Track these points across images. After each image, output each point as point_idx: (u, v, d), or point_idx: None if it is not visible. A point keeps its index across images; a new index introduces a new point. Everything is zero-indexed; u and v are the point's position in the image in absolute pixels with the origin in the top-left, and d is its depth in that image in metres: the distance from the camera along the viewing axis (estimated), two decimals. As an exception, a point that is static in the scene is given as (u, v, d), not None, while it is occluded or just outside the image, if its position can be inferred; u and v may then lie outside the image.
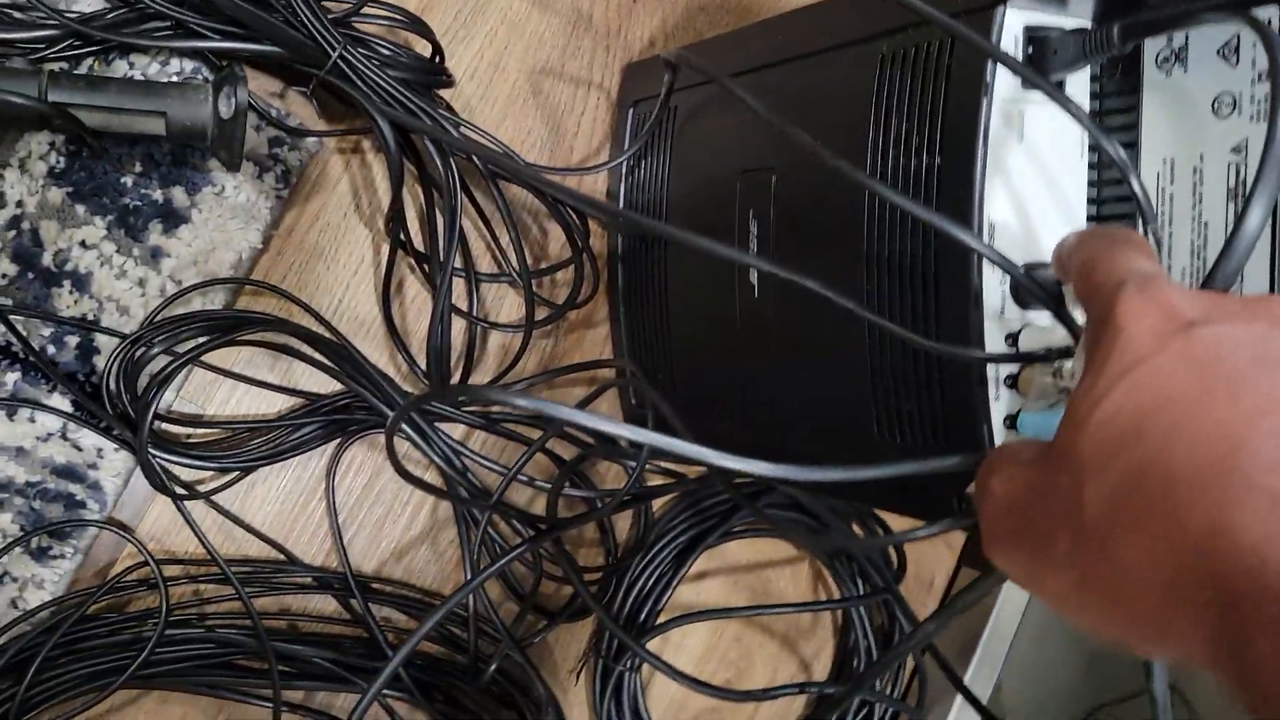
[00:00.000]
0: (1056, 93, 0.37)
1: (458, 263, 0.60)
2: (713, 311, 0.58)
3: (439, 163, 0.51)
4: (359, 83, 0.50)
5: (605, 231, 0.65)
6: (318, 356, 0.57)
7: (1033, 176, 0.42)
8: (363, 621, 0.58)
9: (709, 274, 0.57)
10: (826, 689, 0.70)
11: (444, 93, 0.58)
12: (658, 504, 0.69)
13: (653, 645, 0.69)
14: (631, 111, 0.64)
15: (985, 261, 0.41)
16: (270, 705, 0.53)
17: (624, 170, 0.64)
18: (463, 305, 0.61)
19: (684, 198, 0.60)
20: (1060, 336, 0.39)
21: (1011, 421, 0.42)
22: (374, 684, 0.50)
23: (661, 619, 0.68)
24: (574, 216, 0.59)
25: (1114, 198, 0.43)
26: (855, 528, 0.72)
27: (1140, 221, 0.37)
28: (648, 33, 0.67)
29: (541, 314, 0.62)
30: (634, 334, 0.64)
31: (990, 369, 0.42)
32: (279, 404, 0.57)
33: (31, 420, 0.51)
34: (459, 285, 0.61)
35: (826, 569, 0.74)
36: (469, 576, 0.60)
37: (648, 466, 0.66)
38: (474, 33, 0.61)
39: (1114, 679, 0.92)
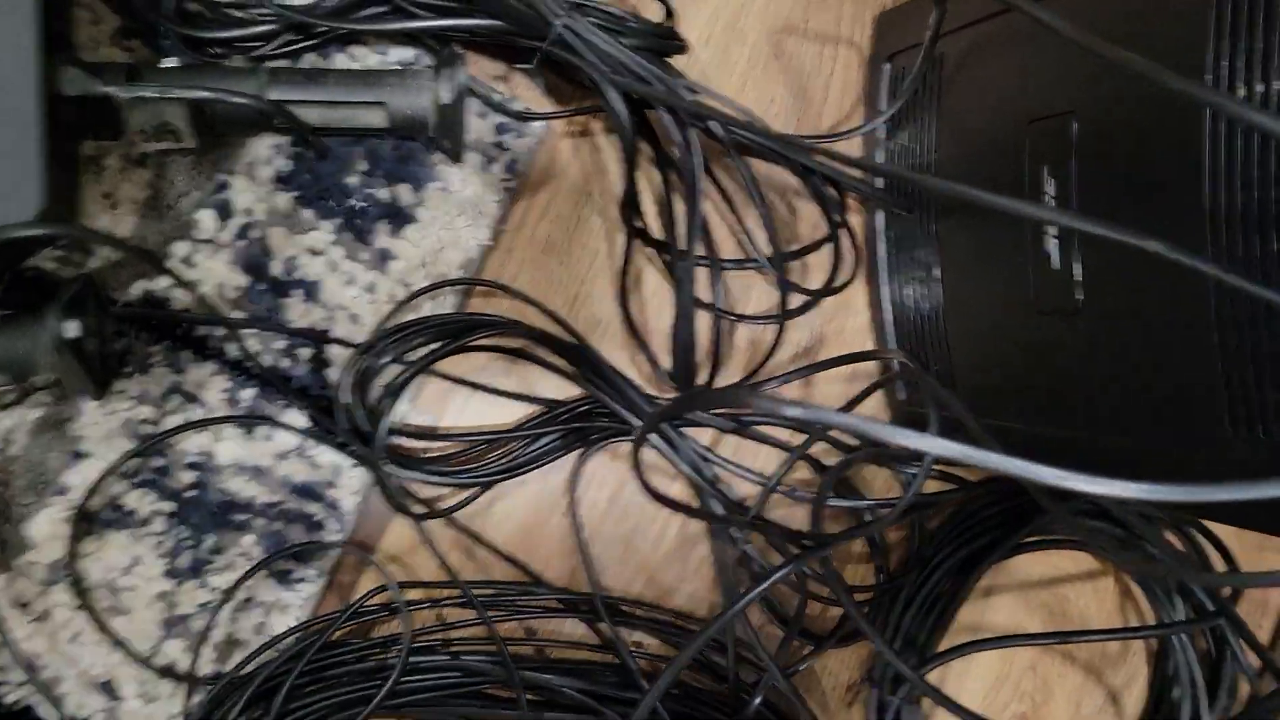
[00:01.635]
0: None
1: (700, 250, 0.54)
2: (999, 290, 0.49)
3: (677, 134, 0.45)
4: (585, 52, 0.45)
5: (863, 207, 0.58)
6: (555, 360, 0.52)
7: None
8: (613, 647, 0.53)
9: (993, 246, 0.49)
10: None
11: (677, 61, 0.52)
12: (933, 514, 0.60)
13: (934, 675, 0.61)
14: (888, 67, 0.56)
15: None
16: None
17: (881, 136, 0.56)
18: (706, 297, 0.55)
19: (956, 160, 0.51)
20: None
21: None
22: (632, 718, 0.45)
23: (943, 645, 0.59)
24: (831, 189, 0.52)
25: None
26: (1170, 536, 0.62)
27: None
28: (902, -23, 0.59)
29: (794, 303, 0.55)
30: (901, 322, 0.57)
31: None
32: (516, 412, 0.53)
33: (269, 438, 0.49)
34: (701, 275, 0.55)
35: (1138, 585, 0.63)
36: (727, 599, 0.53)
37: (929, 473, 0.58)
38: (707, -5, 0.55)
39: None
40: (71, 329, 0.42)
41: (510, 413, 0.53)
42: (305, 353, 0.50)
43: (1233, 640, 0.61)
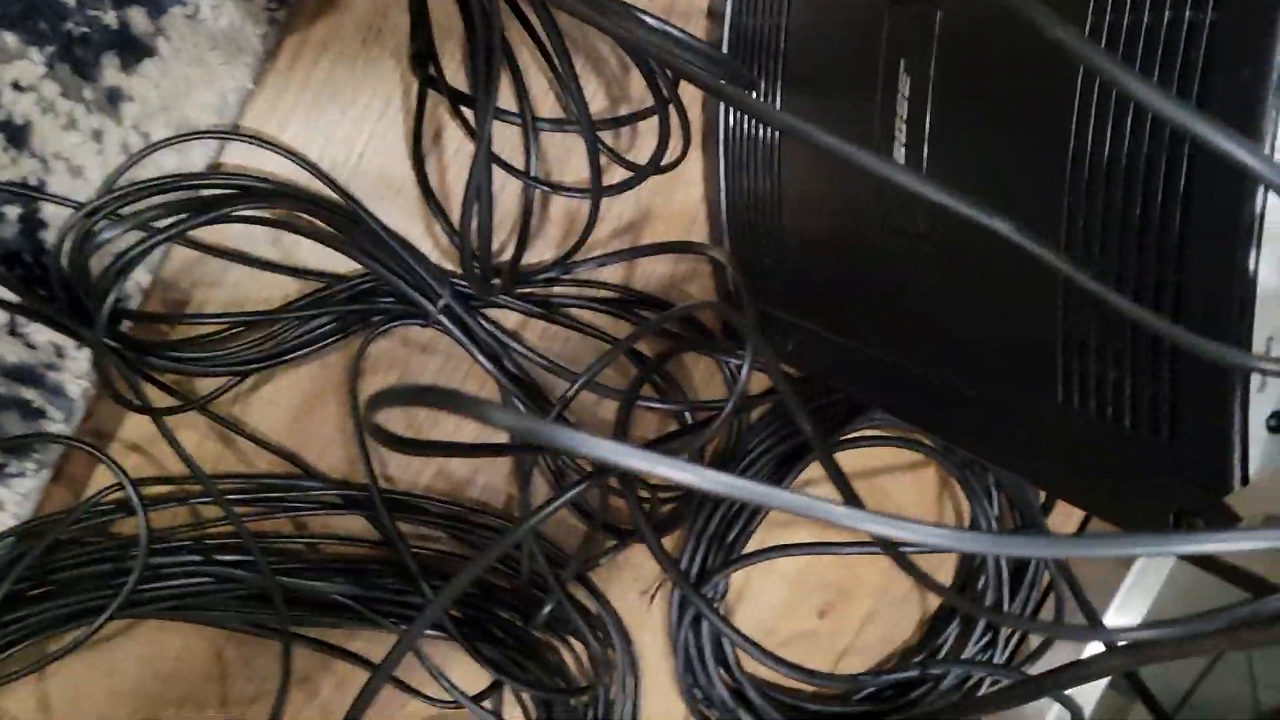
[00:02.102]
0: None
1: (510, 106, 0.47)
2: (842, 193, 0.43)
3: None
4: None
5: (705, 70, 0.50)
6: (328, 229, 0.45)
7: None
8: (394, 544, 0.49)
9: (846, 139, 0.43)
10: (932, 669, 0.59)
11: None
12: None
13: (740, 572, 0.59)
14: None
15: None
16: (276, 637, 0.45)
17: (731, -13, 0.48)
18: (520, 162, 0.47)
19: (809, 31, 0.44)
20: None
21: (1278, 423, 0.28)
22: (410, 633, 0.41)
23: (757, 541, 0.57)
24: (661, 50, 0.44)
25: None
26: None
27: None
28: None
29: (619, 176, 0.48)
30: (736, 205, 0.50)
31: (1260, 342, 0.28)
32: (286, 288, 0.46)
33: (-30, 313, 0.41)
34: (514, 135, 0.48)
35: (956, 479, 0.61)
36: (523, 500, 0.49)
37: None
38: None
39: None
40: None
41: (281, 290, 0.46)
42: (13, 211, 0.41)
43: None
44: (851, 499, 0.42)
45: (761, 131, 0.47)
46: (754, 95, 0.47)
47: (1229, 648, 0.30)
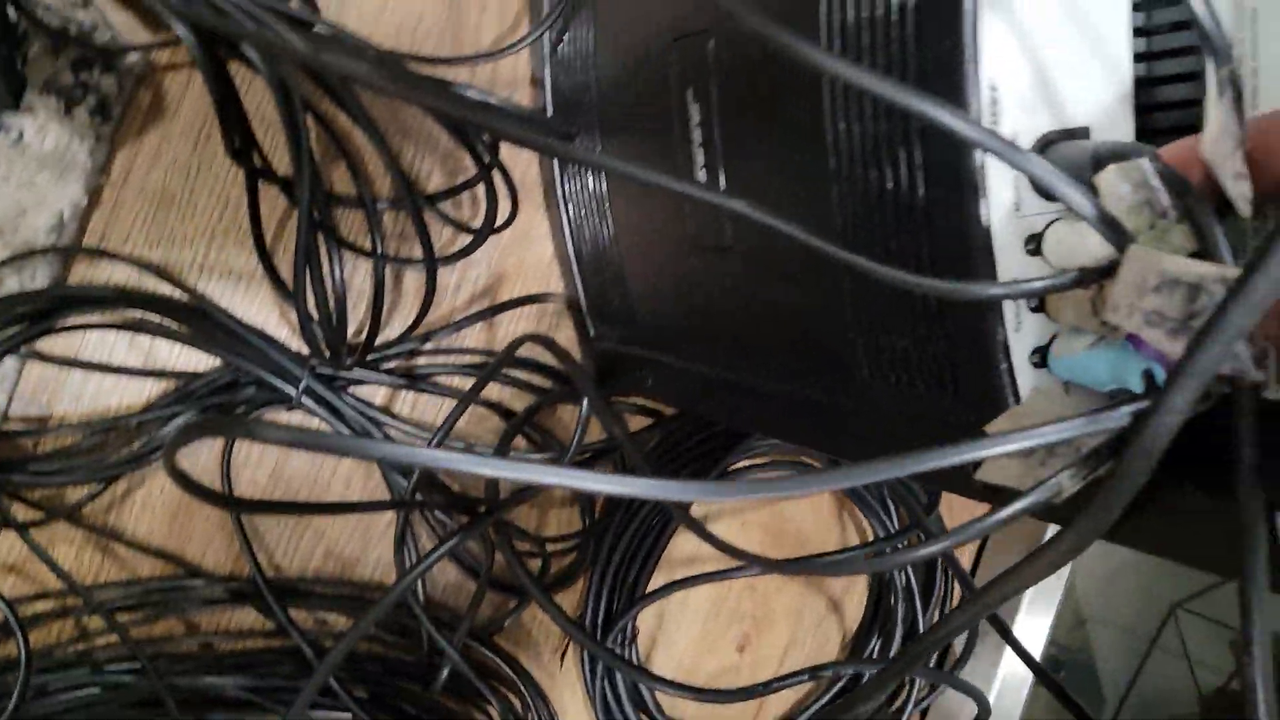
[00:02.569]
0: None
1: (348, 189, 0.49)
2: (661, 223, 0.46)
3: (263, 70, 0.39)
4: (142, -22, 0.37)
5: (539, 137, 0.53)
6: (178, 328, 0.46)
7: (1050, 6, 0.29)
8: (285, 631, 0.49)
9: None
10: (845, 669, 0.60)
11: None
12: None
13: (650, 610, 0.59)
14: (548, -28, 0.51)
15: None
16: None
17: (545, 50, 0.51)
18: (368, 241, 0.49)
19: (614, 78, 0.47)
20: (1098, 241, 0.26)
21: (1040, 358, 0.30)
22: (297, 703, 0.41)
23: (660, 578, 0.58)
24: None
25: (1169, 25, 0.30)
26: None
27: (1210, 60, 0.24)
28: None
29: (463, 241, 0.50)
30: (582, 253, 0.53)
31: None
32: (149, 393, 0.47)
33: None
34: (358, 217, 0.50)
35: (846, 494, 0.63)
36: (400, 569, 0.50)
37: (624, 407, 0.56)
38: (332, -105, 0.48)
39: (1193, 572, 0.81)
40: None
41: (141, 393, 0.47)
42: None
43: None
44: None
45: (591, 181, 0.50)
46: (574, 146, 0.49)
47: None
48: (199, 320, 0.46)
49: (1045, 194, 0.29)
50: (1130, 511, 0.29)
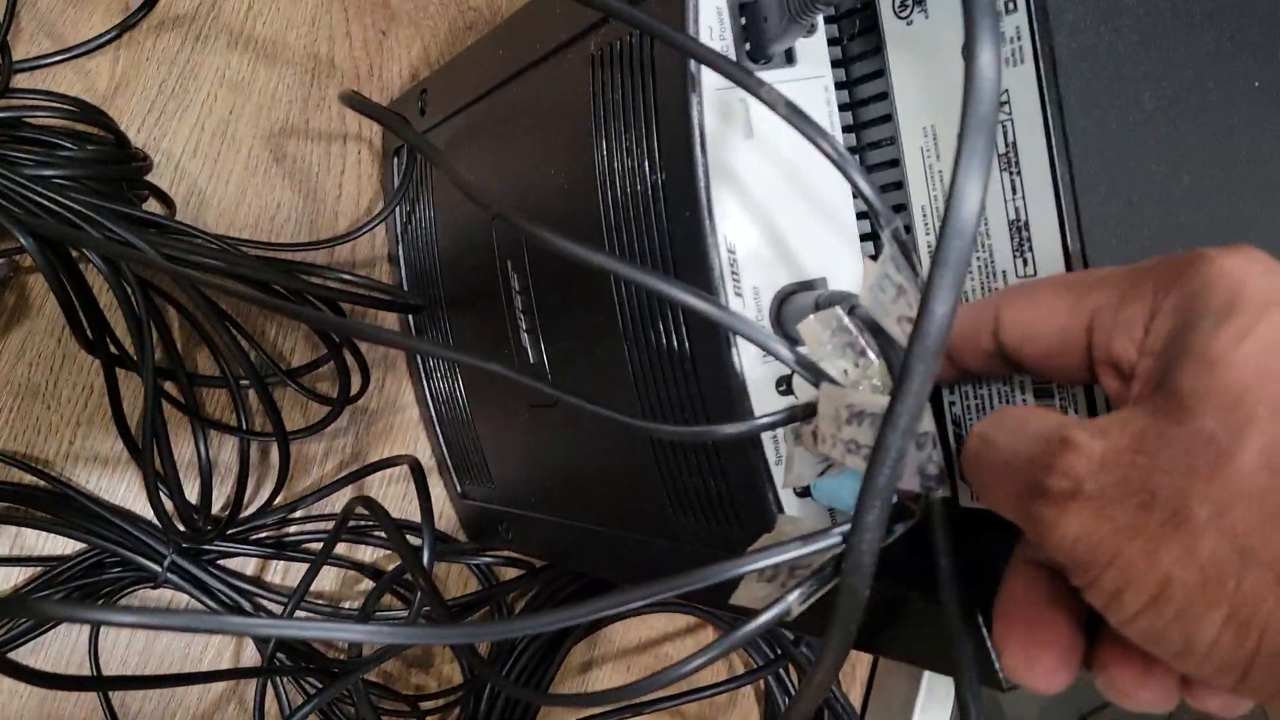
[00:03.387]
0: (753, 81, 0.28)
1: (210, 370, 0.51)
2: (500, 387, 0.49)
3: (106, 274, 0.42)
4: (-10, 194, 0.41)
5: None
6: (40, 515, 0.48)
7: (774, 177, 0.33)
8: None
9: (487, 342, 0.48)
10: None
11: (160, 178, 0.49)
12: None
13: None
14: (395, 159, 0.55)
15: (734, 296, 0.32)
16: None
17: (397, 229, 0.55)
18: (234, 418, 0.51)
19: (449, 252, 0.51)
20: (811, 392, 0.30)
21: (805, 490, 0.33)
22: None
23: (544, 728, 0.58)
24: (319, 304, 0.50)
25: (886, 185, 0.34)
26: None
27: (876, 223, 0.27)
28: (406, 66, 0.58)
29: (323, 413, 0.53)
30: (442, 420, 0.55)
31: (768, 435, 0.33)
32: (14, 579, 0.48)
33: None
34: (222, 396, 0.52)
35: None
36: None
37: (492, 560, 0.57)
38: (188, 102, 0.52)
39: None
40: None
41: (8, 579, 0.48)
42: None
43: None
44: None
45: (440, 345, 0.53)
46: (423, 317, 0.53)
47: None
48: (62, 505, 0.47)
49: (789, 338, 0.33)
50: (877, 624, 0.32)
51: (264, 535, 0.53)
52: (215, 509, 0.51)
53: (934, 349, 0.22)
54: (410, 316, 0.54)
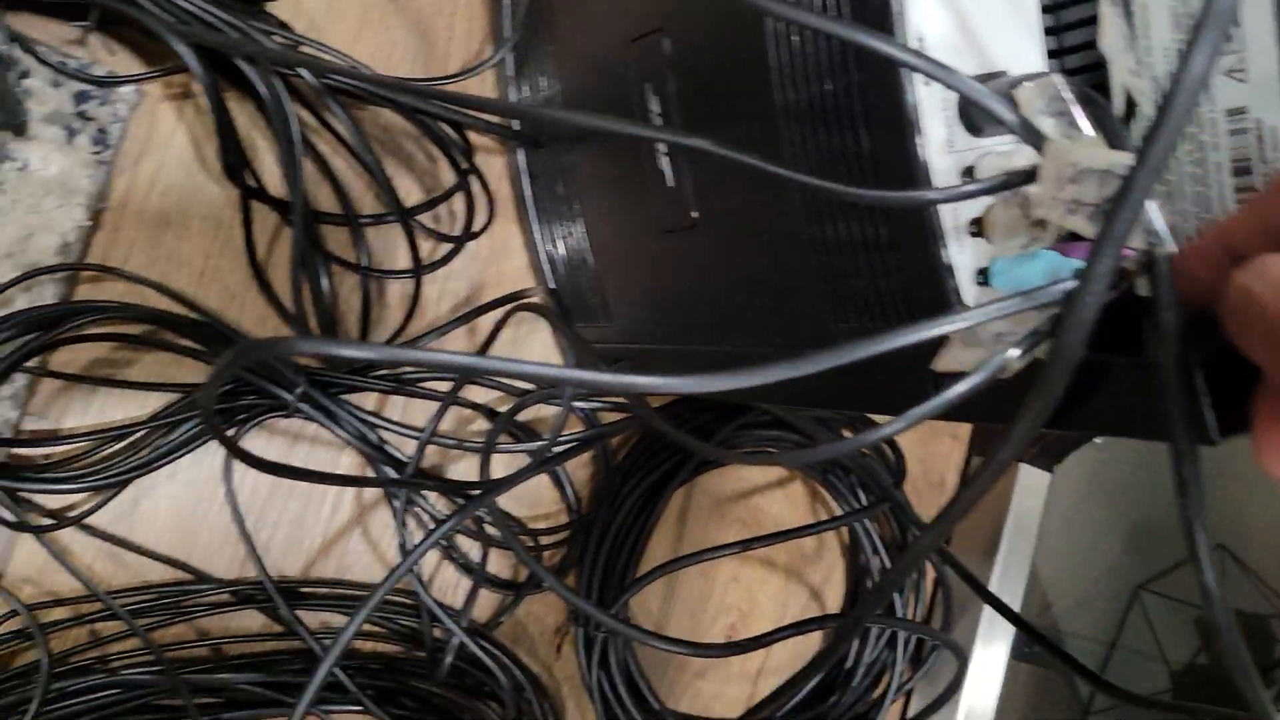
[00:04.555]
0: None
1: (330, 207, 0.52)
2: (628, 215, 0.49)
3: (261, 87, 0.42)
4: (145, 3, 0.41)
5: (505, 146, 0.56)
6: (183, 342, 0.48)
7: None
8: (293, 632, 0.51)
9: (616, 171, 0.49)
10: (827, 621, 0.62)
11: (276, 9, 0.49)
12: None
13: (637, 600, 0.62)
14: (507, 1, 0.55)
15: (921, 84, 0.32)
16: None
17: (510, 71, 0.55)
18: (352, 256, 0.52)
19: (577, 86, 0.51)
20: (1024, 159, 0.30)
21: (984, 277, 0.34)
22: (301, 699, 0.43)
23: (643, 569, 0.60)
24: (450, 133, 0.50)
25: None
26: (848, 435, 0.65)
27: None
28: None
29: (444, 251, 0.54)
30: (555, 258, 0.56)
31: (949, 218, 0.33)
32: (153, 404, 0.49)
33: None
34: (342, 233, 0.53)
35: (822, 486, 0.66)
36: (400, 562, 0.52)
37: (599, 405, 0.58)
38: (307, -64, 0.52)
39: (1156, 552, 0.84)
40: None
41: (143, 405, 0.49)
42: (-123, 368, 0.44)
43: (901, 523, 0.65)
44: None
45: (560, 187, 0.53)
46: (543, 153, 0.53)
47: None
48: (201, 333, 0.48)
49: (973, 128, 0.33)
50: (1069, 396, 0.33)
51: (384, 372, 0.54)
52: (339, 343, 0.52)
53: (1190, 96, 0.22)
54: (526, 153, 0.55)
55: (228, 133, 0.44)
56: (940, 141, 0.33)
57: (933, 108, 0.33)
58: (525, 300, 0.55)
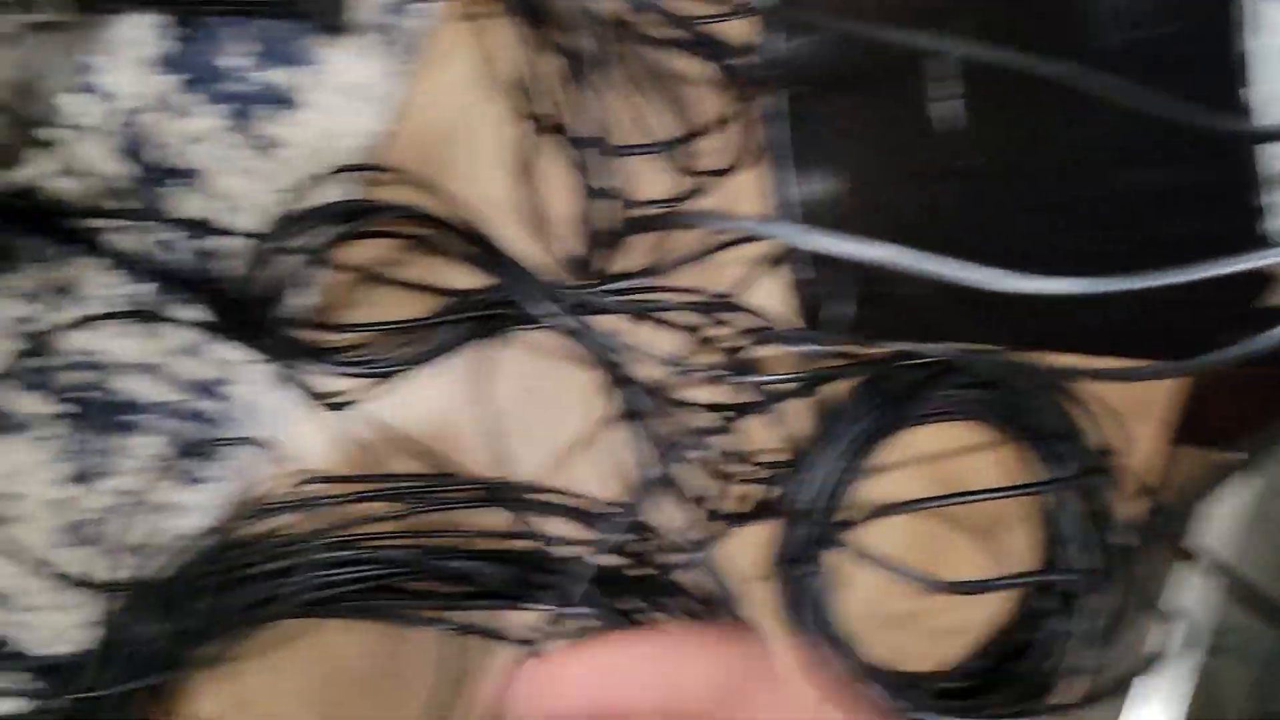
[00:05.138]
0: None
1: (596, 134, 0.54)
2: (898, 151, 0.50)
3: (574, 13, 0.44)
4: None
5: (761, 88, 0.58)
6: (458, 247, 0.51)
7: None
8: (534, 535, 0.53)
9: (883, 103, 0.49)
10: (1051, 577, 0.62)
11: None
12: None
13: (832, 558, 0.63)
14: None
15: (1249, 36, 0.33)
16: (438, 626, 0.49)
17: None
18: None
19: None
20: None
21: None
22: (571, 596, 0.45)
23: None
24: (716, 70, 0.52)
25: None
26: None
27: None
28: None
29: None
30: (804, 205, 0.57)
31: (1267, 165, 0.34)
32: (417, 306, 0.52)
33: (159, 335, 0.47)
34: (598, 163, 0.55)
35: (1034, 452, 0.66)
36: (642, 482, 0.54)
37: (822, 351, 0.60)
38: None
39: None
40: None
41: (411, 306, 0.52)
42: (192, 244, 0.48)
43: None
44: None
45: (819, 126, 0.54)
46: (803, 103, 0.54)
47: None
48: (476, 242, 0.51)
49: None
50: None
51: (628, 297, 0.56)
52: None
53: None
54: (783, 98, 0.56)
55: (530, 59, 0.46)
56: (1266, 95, 0.33)
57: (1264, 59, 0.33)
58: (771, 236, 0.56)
